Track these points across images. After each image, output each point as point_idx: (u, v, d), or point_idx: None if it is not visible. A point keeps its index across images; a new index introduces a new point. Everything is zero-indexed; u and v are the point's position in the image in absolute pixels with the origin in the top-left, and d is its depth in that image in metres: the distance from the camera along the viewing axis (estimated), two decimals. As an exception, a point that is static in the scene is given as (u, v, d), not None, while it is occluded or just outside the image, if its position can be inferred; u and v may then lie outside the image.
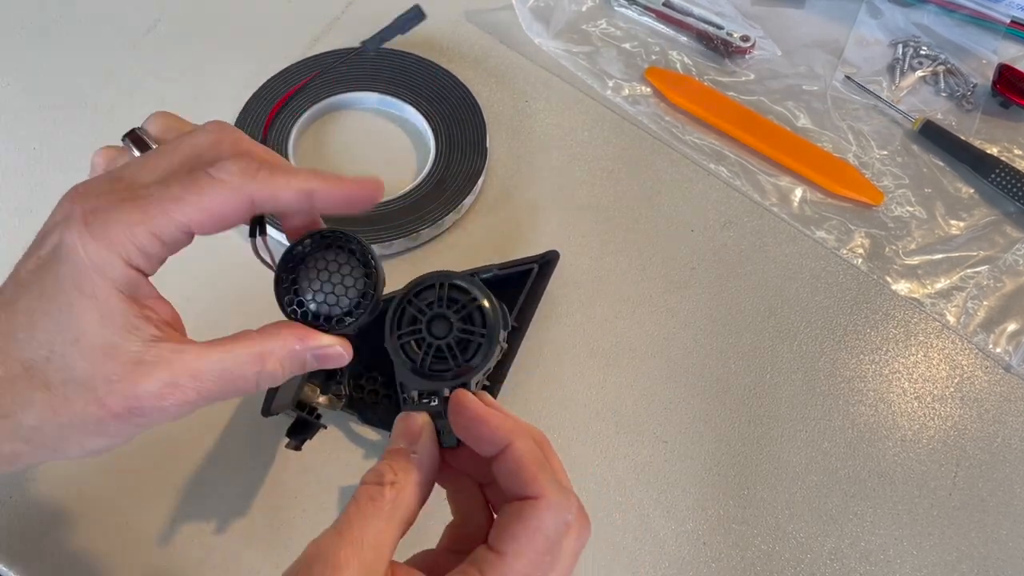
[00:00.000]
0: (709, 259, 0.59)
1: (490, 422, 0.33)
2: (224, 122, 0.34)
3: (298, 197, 0.32)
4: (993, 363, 0.57)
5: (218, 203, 0.31)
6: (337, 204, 0.33)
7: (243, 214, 0.32)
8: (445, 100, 0.63)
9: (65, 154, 0.60)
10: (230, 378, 0.31)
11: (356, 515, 0.30)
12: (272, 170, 0.32)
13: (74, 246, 0.30)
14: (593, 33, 0.70)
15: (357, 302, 0.35)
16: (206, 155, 0.33)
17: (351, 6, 0.70)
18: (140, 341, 0.30)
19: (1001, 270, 0.60)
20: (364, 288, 0.35)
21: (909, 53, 0.70)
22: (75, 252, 0.30)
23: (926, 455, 0.53)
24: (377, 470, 0.33)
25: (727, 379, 0.55)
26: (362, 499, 0.31)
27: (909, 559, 0.50)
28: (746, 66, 0.69)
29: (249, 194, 0.31)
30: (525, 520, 0.31)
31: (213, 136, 0.33)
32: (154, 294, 0.32)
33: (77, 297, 0.29)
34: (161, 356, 0.30)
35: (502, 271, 0.53)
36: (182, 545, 0.47)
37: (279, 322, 0.34)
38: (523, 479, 0.32)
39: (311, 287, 0.35)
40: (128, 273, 0.30)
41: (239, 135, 0.34)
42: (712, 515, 0.50)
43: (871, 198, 0.62)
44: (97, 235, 0.30)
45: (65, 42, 0.66)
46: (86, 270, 0.30)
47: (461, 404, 0.34)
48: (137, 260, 0.30)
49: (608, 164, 0.63)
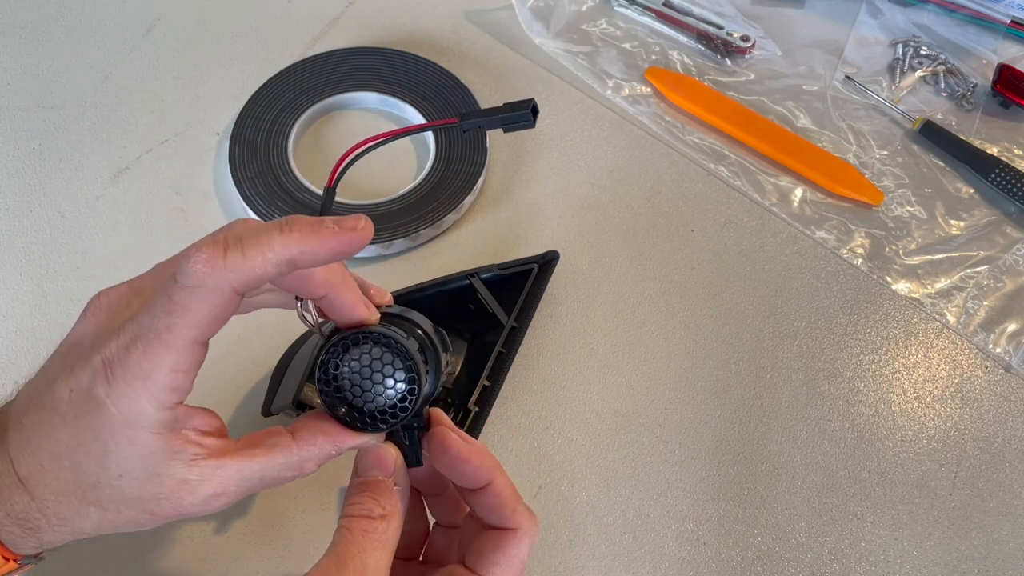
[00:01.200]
0: (709, 259, 0.59)
1: (472, 461, 0.35)
2: None
3: (279, 268, 0.30)
4: (993, 363, 0.57)
5: (204, 310, 0.29)
6: (324, 260, 0.31)
7: (234, 304, 0.30)
8: (445, 100, 0.63)
9: (65, 154, 0.60)
10: (269, 482, 0.33)
11: (355, 547, 0.33)
12: (243, 248, 0.29)
13: (103, 402, 0.30)
14: (593, 33, 0.70)
15: (395, 403, 0.33)
16: (174, 261, 0.32)
17: (351, 6, 0.70)
18: (183, 463, 0.31)
19: (1001, 270, 0.60)
20: (406, 392, 0.33)
21: (909, 53, 0.70)
22: (106, 408, 0.30)
23: (926, 455, 0.53)
24: (364, 504, 0.34)
25: (727, 379, 0.55)
26: (356, 531, 0.33)
27: (909, 559, 0.50)
28: (746, 66, 0.69)
29: (227, 285, 0.29)
30: (506, 549, 0.35)
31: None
32: (192, 412, 0.32)
33: (114, 446, 0.30)
34: (204, 475, 0.31)
35: (502, 271, 0.53)
36: (182, 545, 0.47)
37: (313, 422, 0.34)
38: (503, 514, 0.35)
39: (344, 386, 0.33)
40: (162, 415, 0.30)
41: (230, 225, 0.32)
42: (712, 515, 0.50)
43: (871, 198, 0.62)
44: (122, 393, 0.30)
45: (65, 42, 0.66)
46: (119, 424, 0.30)
47: (444, 444, 0.35)
48: (167, 399, 0.30)
49: (608, 164, 0.63)
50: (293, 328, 0.52)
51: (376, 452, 0.35)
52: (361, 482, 0.35)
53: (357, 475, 0.35)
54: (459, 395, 0.50)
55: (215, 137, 0.62)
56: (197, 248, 0.29)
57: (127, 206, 0.58)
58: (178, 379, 0.30)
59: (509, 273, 0.53)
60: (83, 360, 0.31)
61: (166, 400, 0.30)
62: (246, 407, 0.51)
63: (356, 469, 0.36)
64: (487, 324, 0.51)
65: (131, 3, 0.68)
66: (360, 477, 0.35)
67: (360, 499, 0.34)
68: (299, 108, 0.61)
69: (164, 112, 0.63)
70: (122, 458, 0.30)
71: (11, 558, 0.32)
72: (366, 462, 0.35)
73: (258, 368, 0.52)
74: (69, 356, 0.32)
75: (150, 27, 0.67)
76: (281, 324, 0.51)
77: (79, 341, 0.33)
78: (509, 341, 0.51)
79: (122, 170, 0.60)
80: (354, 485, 0.35)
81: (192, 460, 0.31)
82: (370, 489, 0.34)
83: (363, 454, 0.36)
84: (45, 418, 0.31)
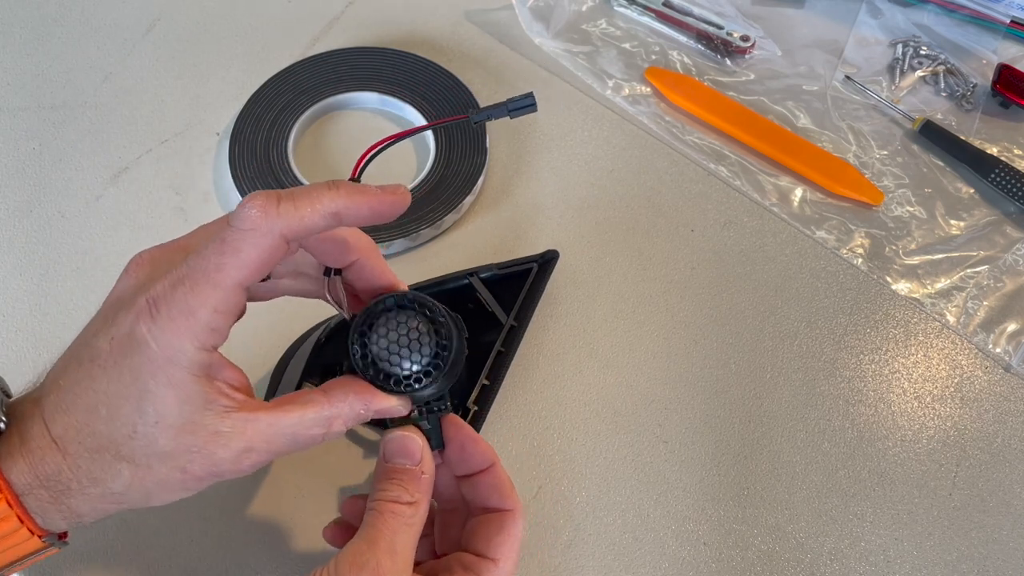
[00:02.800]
0: (709, 259, 0.59)
1: (480, 441, 0.39)
2: None
3: (326, 220, 0.32)
4: (993, 363, 0.57)
5: (255, 253, 0.31)
6: (366, 219, 0.33)
7: (282, 251, 0.32)
8: (445, 100, 0.63)
9: (65, 154, 0.60)
10: (300, 440, 0.33)
11: (385, 527, 0.34)
12: (294, 199, 0.32)
13: (145, 340, 0.31)
14: (593, 33, 0.70)
15: (426, 369, 0.36)
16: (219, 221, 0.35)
17: (351, 6, 0.70)
18: (216, 415, 0.32)
19: (1001, 270, 0.60)
20: (434, 356, 0.36)
21: (909, 53, 0.70)
22: (147, 346, 0.31)
23: (926, 455, 0.53)
24: (392, 491, 0.35)
25: (727, 379, 0.55)
26: (386, 513, 0.35)
27: (909, 559, 0.50)
28: (746, 66, 0.69)
29: (279, 231, 0.31)
30: (508, 530, 0.37)
31: None
32: (225, 363, 0.33)
33: (154, 386, 0.31)
34: (236, 427, 0.32)
35: (502, 271, 0.53)
36: (182, 545, 0.47)
37: (345, 381, 0.36)
38: (503, 494, 0.38)
39: (381, 345, 0.35)
40: (200, 356, 0.31)
41: None
42: (712, 515, 0.50)
43: (871, 198, 0.62)
44: (165, 328, 0.31)
45: (65, 42, 0.66)
46: (160, 361, 0.31)
47: (456, 424, 0.39)
48: (207, 340, 0.32)
49: (608, 164, 0.63)
50: (293, 328, 0.52)
51: (403, 440, 0.37)
52: (389, 468, 0.36)
53: (385, 460, 0.37)
54: (458, 394, 0.50)
55: (215, 137, 0.62)
56: (252, 197, 0.31)
57: (127, 206, 0.58)
58: (219, 320, 0.31)
59: (508, 272, 0.53)
60: (126, 308, 0.32)
61: (206, 340, 0.31)
62: (246, 407, 0.51)
63: (384, 454, 0.37)
64: (486, 323, 0.51)
65: (131, 3, 0.68)
66: (388, 463, 0.37)
67: (389, 486, 0.36)
68: (299, 108, 0.61)
69: (164, 112, 0.63)
70: (160, 400, 0.31)
71: (36, 532, 0.33)
72: (393, 449, 0.37)
73: (258, 368, 0.52)
74: (110, 311, 0.33)
75: (150, 27, 0.67)
76: (281, 324, 0.51)
77: (121, 295, 0.34)
78: (508, 340, 0.51)
79: (122, 170, 0.60)
80: (382, 471, 0.37)
81: (224, 411, 0.32)
82: (398, 476, 0.36)
83: (390, 441, 0.37)
84: (84, 372, 0.32)
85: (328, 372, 0.50)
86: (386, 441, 0.37)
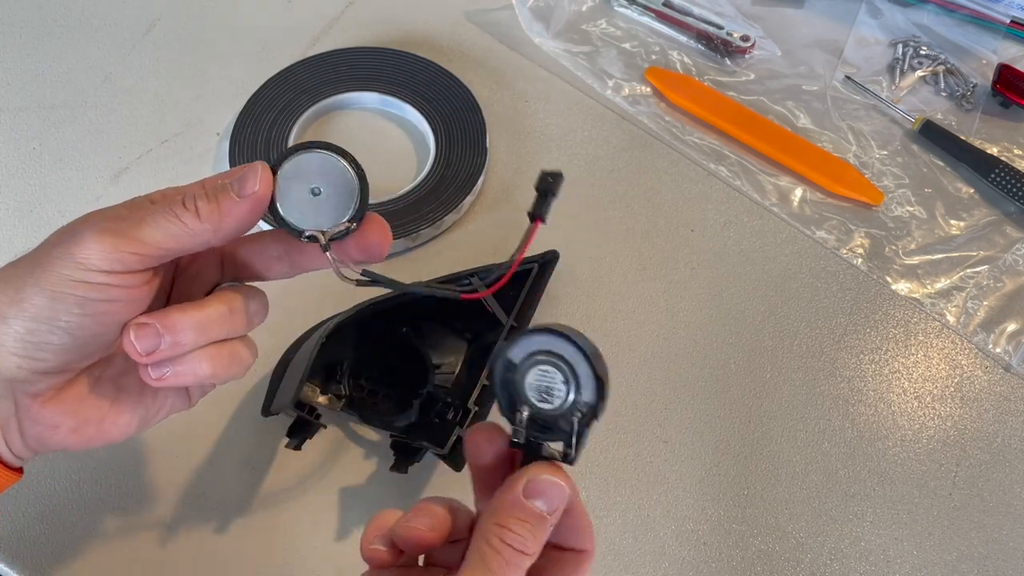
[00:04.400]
0: (709, 259, 0.59)
1: (568, 479, 0.34)
2: None
3: None
4: (993, 363, 0.57)
5: None
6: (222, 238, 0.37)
7: None
8: (445, 100, 0.63)
9: (65, 154, 0.60)
10: None
11: (500, 572, 0.32)
12: None
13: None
14: (593, 33, 0.70)
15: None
16: None
17: (351, 6, 0.70)
18: None
19: (1001, 270, 0.61)
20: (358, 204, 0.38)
21: (909, 53, 0.70)
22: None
23: (926, 455, 0.53)
24: (522, 538, 0.32)
25: (727, 379, 0.55)
26: (506, 553, 0.32)
27: (909, 559, 0.50)
28: (746, 66, 0.69)
29: None
30: (580, 571, 0.36)
31: None
32: None
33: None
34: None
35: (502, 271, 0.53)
36: (182, 545, 0.47)
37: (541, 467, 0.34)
38: (582, 534, 0.35)
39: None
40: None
41: None
42: (712, 515, 0.50)
43: (871, 198, 0.62)
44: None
45: (65, 42, 0.66)
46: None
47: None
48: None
49: (608, 164, 0.63)
50: (293, 328, 0.52)
51: (553, 487, 0.33)
52: (526, 508, 0.33)
53: (525, 496, 0.33)
54: (459, 395, 0.50)
55: (215, 137, 0.62)
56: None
57: (127, 206, 0.58)
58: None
59: (509, 273, 0.53)
60: None
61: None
62: (246, 407, 0.51)
63: (526, 490, 0.33)
64: (487, 324, 0.51)
65: (131, 3, 0.68)
66: (527, 499, 0.33)
67: (519, 528, 0.32)
68: (299, 108, 0.61)
69: (164, 112, 0.63)
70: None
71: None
72: (539, 490, 0.33)
73: (258, 368, 0.52)
74: None
75: (150, 27, 0.67)
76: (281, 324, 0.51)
77: None
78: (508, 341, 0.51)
79: (122, 170, 0.60)
80: (514, 504, 0.33)
81: None
82: (532, 521, 0.32)
83: (539, 482, 0.33)
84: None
85: (330, 372, 0.50)
86: (534, 480, 0.33)
